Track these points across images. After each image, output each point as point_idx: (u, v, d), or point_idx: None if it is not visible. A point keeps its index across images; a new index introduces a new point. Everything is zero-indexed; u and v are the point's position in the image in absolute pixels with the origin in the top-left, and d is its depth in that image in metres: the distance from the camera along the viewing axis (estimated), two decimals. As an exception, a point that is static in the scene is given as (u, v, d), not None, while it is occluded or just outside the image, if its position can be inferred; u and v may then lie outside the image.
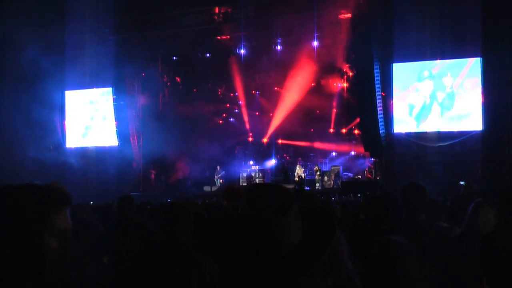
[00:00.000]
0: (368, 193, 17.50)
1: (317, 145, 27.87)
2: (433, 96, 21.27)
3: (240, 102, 28.98)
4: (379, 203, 4.90)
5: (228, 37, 24.63)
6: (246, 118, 28.96)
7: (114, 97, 25.59)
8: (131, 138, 25.04)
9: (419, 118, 21.47)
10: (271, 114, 28.97)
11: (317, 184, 24.22)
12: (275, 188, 2.22)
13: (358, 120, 25.28)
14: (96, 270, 4.08)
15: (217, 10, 23.17)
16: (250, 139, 30.15)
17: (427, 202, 4.53)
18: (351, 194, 19.13)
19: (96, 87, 26.26)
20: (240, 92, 27.99)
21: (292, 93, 27.98)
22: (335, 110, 27.79)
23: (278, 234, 2.09)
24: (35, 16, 23.12)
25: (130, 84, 25.69)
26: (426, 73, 21.36)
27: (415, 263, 2.79)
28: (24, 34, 22.12)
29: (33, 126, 23.50)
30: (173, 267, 3.63)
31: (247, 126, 29.28)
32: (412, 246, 2.85)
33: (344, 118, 26.85)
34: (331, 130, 28.14)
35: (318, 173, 24.70)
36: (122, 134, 25.28)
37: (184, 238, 3.84)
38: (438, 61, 21.14)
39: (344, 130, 27.46)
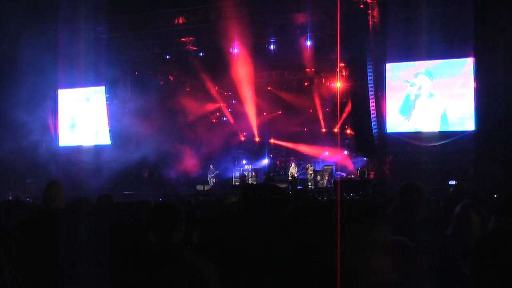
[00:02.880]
0: (361, 192, 17.54)
1: (310, 144, 27.86)
2: (426, 95, 21.21)
3: (234, 101, 28.93)
4: (373, 201, 4.92)
5: (222, 36, 24.54)
6: (239, 117, 28.89)
7: (107, 96, 25.54)
8: (124, 136, 24.95)
9: (408, 115, 21.38)
10: (264, 114, 28.99)
11: (310, 184, 24.15)
12: (270, 188, 2.21)
13: (344, 116, 25.43)
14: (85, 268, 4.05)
15: (211, 8, 23.06)
16: (243, 138, 30.15)
17: (424, 202, 4.52)
18: (344, 194, 19.14)
19: (89, 86, 26.13)
20: (233, 91, 27.92)
21: (285, 92, 28.08)
22: (328, 110, 27.84)
23: (273, 232, 2.08)
24: (27, 13, 22.98)
25: (123, 82, 25.67)
26: (418, 72, 21.27)
27: (418, 263, 2.78)
28: (16, 32, 22.01)
29: (25, 124, 23.37)
30: (161, 267, 3.60)
31: (241, 125, 29.24)
32: (416, 246, 2.85)
33: (337, 117, 26.85)
34: (324, 130, 28.18)
35: (310, 172, 24.61)
36: (115, 133, 25.23)
37: (175, 238, 3.79)
38: (432, 61, 21.08)
39: (336, 130, 27.47)
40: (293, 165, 25.63)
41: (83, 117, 26.58)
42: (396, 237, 2.82)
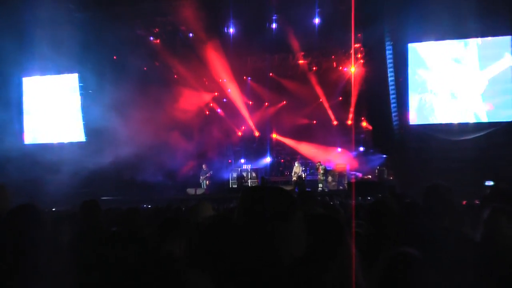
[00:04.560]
0: (380, 195, 17.49)
1: (319, 139, 27.78)
2: (456, 82, 21.07)
3: (229, 90, 28.88)
4: (384, 207, 4.91)
5: (215, 12, 24.42)
6: (236, 108, 28.83)
7: (81, 85, 25.48)
8: (100, 132, 24.88)
9: (440, 108, 21.25)
10: (266, 104, 28.95)
11: (320, 185, 24.03)
12: (274, 191, 2.24)
13: (359, 106, 25.37)
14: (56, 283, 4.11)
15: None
16: (240, 133, 30.12)
17: (452, 206, 4.52)
18: (360, 197, 19.06)
19: (59, 73, 26.03)
20: (229, 78, 27.84)
21: (290, 79, 28.00)
22: (340, 99, 27.80)
23: (277, 244, 2.11)
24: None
25: (100, 69, 25.55)
26: (449, 55, 21.09)
27: (429, 278, 2.81)
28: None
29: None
30: (153, 278, 3.66)
31: (238, 118, 29.20)
32: (426, 259, 2.87)
33: (351, 108, 26.80)
34: (335, 122, 28.14)
35: (321, 171, 24.41)
36: (90, 128, 25.19)
37: (169, 247, 3.87)
38: (463, 40, 20.95)
39: (350, 122, 27.46)
40: (296, 164, 25.54)
41: (52, 109, 26.50)
42: (403, 249, 2.85)
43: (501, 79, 20.55)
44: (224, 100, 29.80)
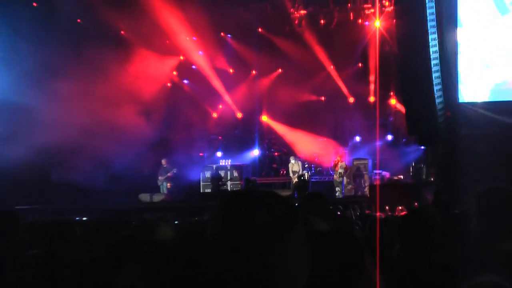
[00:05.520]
0: (416, 203, 17.56)
1: (329, 123, 27.86)
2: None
3: (201, 52, 28.80)
4: (423, 221, 4.93)
5: None
6: (210, 78, 28.79)
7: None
8: (14, 112, 24.78)
9: (503, 79, 21.15)
10: (253, 73, 28.92)
11: (337, 190, 23.98)
12: (265, 198, 2.25)
13: (376, 78, 25.40)
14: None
15: None
16: (216, 114, 30.09)
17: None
18: (387, 207, 19.10)
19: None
20: (201, 35, 27.74)
21: (287, 37, 27.99)
22: (360, 65, 27.83)
23: (270, 270, 2.13)
24: None
25: (13, 22, 25.44)
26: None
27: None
28: None
29: None
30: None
31: (213, 93, 29.16)
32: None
33: (375, 78, 26.84)
34: (351, 100, 28.18)
35: (340, 170, 24.18)
36: (3, 109, 25.14)
37: (118, 277, 3.91)
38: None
39: (373, 99, 27.52)
40: (293, 160, 25.52)
41: None
42: (487, 277, 2.88)
43: None
44: (193, 67, 29.68)
